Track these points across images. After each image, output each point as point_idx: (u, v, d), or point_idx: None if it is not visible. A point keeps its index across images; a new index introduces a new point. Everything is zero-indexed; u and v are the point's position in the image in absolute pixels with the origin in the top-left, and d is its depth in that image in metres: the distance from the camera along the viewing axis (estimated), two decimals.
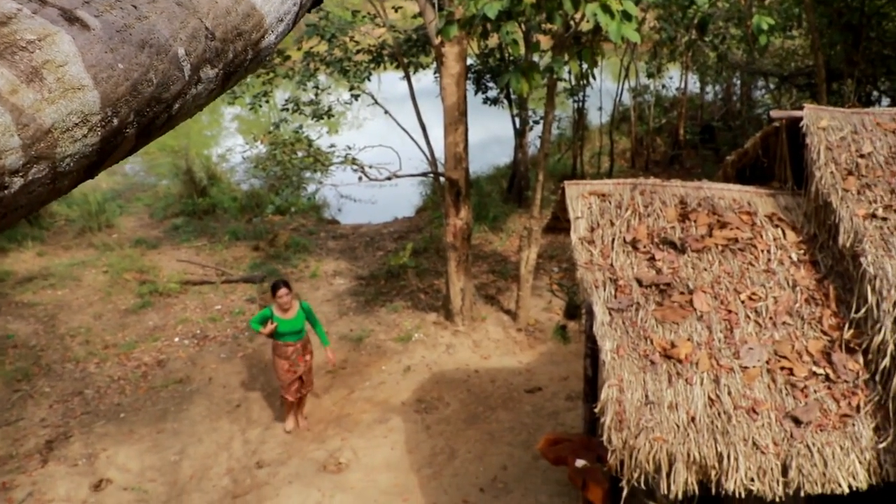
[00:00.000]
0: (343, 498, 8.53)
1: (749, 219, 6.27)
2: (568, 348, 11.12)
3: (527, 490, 8.51)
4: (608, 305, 5.65)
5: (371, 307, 13.04)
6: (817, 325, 5.55)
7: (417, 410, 10.20)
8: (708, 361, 5.30)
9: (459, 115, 11.27)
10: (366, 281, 14.10)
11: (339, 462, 9.16)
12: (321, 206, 18.70)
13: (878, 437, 5.00)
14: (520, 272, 12.05)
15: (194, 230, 16.63)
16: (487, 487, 8.59)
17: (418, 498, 8.50)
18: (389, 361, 11.46)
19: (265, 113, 25.48)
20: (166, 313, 12.99)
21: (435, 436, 9.62)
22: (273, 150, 9.91)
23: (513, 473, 8.81)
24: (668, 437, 4.94)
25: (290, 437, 9.68)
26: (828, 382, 5.23)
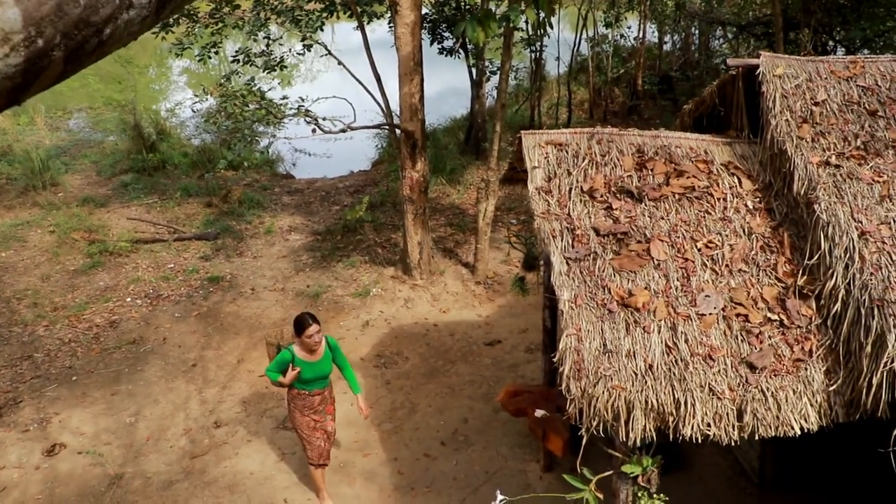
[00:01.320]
0: (303, 455, 8.47)
1: (706, 167, 6.25)
2: (527, 300, 11.13)
3: (487, 442, 8.55)
4: (565, 255, 5.61)
5: (328, 262, 12.91)
6: (772, 272, 5.58)
7: (377, 365, 10.16)
8: (665, 309, 5.30)
9: (414, 65, 11.07)
10: (322, 236, 13.94)
11: None
12: (275, 160, 18.40)
13: (829, 380, 5.07)
14: (478, 225, 11.99)
15: (144, 187, 16.26)
16: (448, 441, 8.61)
17: (379, 453, 8.50)
18: (347, 317, 11.38)
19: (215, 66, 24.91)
20: (117, 273, 12.72)
21: (395, 390, 9.60)
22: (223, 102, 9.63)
23: (473, 426, 8.84)
24: (627, 385, 4.95)
25: (249, 396, 9.59)
26: (782, 328, 5.27)
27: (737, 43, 21.14)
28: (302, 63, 26.39)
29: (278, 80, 14.68)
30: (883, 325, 4.95)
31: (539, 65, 18.32)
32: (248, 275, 12.67)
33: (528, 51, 18.49)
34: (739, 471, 7.93)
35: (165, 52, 17.84)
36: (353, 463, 8.35)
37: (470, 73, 17.10)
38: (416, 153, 11.47)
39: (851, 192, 5.67)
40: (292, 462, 8.37)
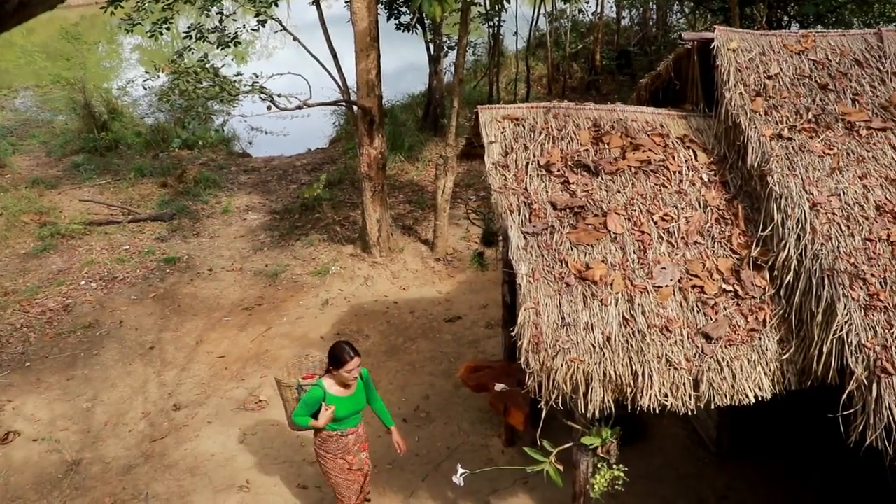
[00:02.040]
0: (264, 435, 8.45)
1: (661, 141, 6.28)
2: (486, 276, 11.16)
3: (449, 418, 8.58)
4: (523, 229, 5.62)
5: (286, 241, 12.80)
6: (727, 243, 5.64)
7: None
8: (622, 282, 5.34)
9: (371, 41, 10.96)
10: (280, 215, 13.81)
11: (260, 400, 9.05)
12: (231, 139, 18.15)
13: (782, 349, 5.16)
14: (437, 201, 11.96)
15: (96, 168, 15.92)
16: (410, 417, 8.62)
17: None
18: (307, 296, 11.31)
19: (167, 42, 24.42)
20: (70, 256, 12.48)
21: None
22: (176, 79, 9.42)
23: (435, 402, 8.86)
24: (585, 358, 4.99)
25: (208, 377, 9.49)
26: (736, 299, 5.35)
27: (694, 18, 21.26)
28: (257, 40, 26.00)
29: (233, 57, 14.42)
30: (833, 295, 5.05)
31: (497, 40, 18.26)
32: (206, 255, 12.52)
33: (485, 26, 18.41)
34: (698, 440, 8.06)
35: (115, 28, 17.40)
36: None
37: (427, 49, 16.98)
38: (373, 130, 11.38)
39: (803, 165, 5.75)
40: (253, 443, 8.32)
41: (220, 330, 10.53)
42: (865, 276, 5.15)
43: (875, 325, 4.94)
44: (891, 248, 5.30)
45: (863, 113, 6.10)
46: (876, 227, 5.40)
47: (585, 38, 21.73)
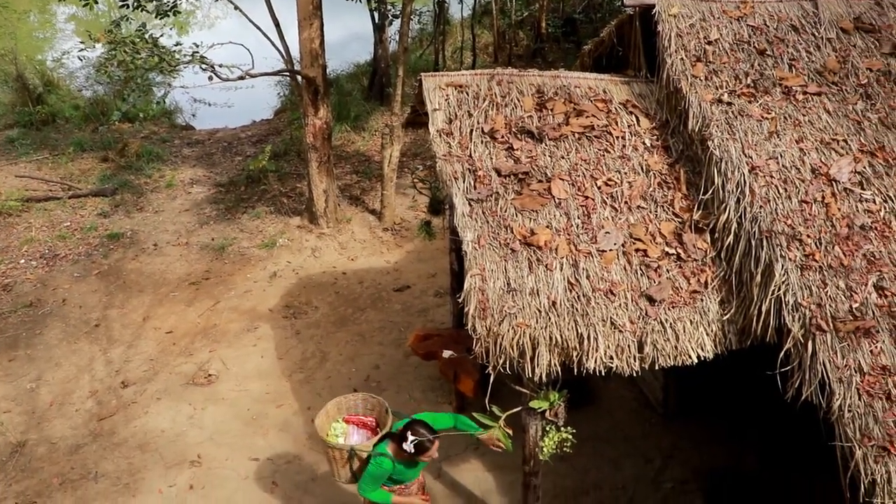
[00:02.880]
0: (215, 410, 8.40)
1: (604, 106, 6.33)
2: (434, 245, 11.17)
3: (400, 387, 8.62)
4: (467, 196, 5.63)
5: (232, 214, 12.64)
6: (669, 207, 5.73)
7: (286, 316, 10.07)
8: (567, 247, 5.40)
9: (314, 9, 10.80)
10: (225, 188, 13.61)
11: (209, 374, 8.98)
12: (173, 111, 17.76)
13: (723, 309, 5.28)
14: (383, 171, 11.92)
15: (33, 143, 15.45)
16: (361, 387, 8.64)
17: (292, 403, 8.48)
18: (254, 269, 11.21)
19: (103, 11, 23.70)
20: (8, 234, 12.14)
21: (305, 340, 9.55)
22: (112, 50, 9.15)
23: (385, 372, 8.89)
24: (531, 322, 5.04)
25: (156, 353, 9.38)
26: (679, 262, 5.45)
27: None
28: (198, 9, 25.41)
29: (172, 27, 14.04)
30: (771, 256, 5.18)
31: (442, 8, 18.11)
32: (150, 230, 12.30)
33: None
34: (644, 402, 8.24)
35: None
36: (265, 414, 8.31)
37: (372, 18, 16.76)
38: (318, 100, 11.25)
39: (742, 129, 5.86)
40: (204, 417, 8.27)
41: (167, 305, 10.39)
42: (802, 237, 5.29)
43: (811, 284, 5.09)
44: (825, 209, 5.45)
45: (799, 78, 6.22)
46: (812, 190, 5.54)
47: (531, 6, 21.63)
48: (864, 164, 5.68)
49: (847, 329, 4.90)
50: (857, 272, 5.17)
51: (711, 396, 7.79)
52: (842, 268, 5.18)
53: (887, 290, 5.07)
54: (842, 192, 5.54)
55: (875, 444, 4.50)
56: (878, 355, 4.81)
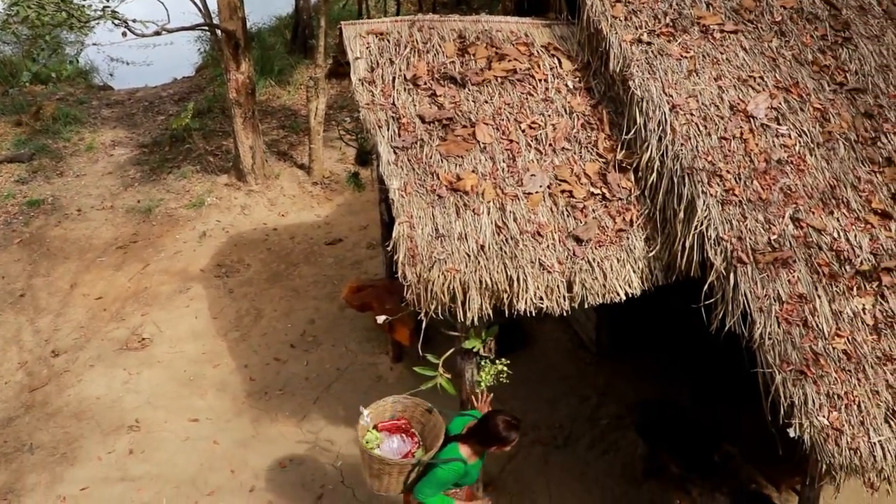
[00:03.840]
0: (151, 373, 8.29)
1: (526, 50, 6.32)
2: (364, 196, 11.12)
3: (336, 340, 8.63)
4: (392, 144, 5.60)
5: (157, 175, 12.33)
6: (593, 148, 5.79)
7: (218, 275, 9.94)
8: (493, 191, 5.43)
9: None
10: (149, 148, 13.25)
11: (143, 338, 8.85)
12: (89, 71, 17.09)
13: (649, 247, 5.40)
14: (310, 125, 11.76)
15: None
16: (297, 342, 8.63)
17: (229, 362, 8.42)
18: (183, 229, 11.00)
19: None
20: None
21: (239, 298, 9.46)
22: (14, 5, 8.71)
23: (321, 326, 8.88)
24: (461, 267, 5.08)
25: (86, 320, 9.18)
26: (604, 201, 5.53)
27: None
28: None
29: None
30: (693, 192, 5.30)
31: None
32: (73, 195, 11.92)
33: None
34: (579, 343, 8.41)
35: None
36: (203, 375, 8.25)
37: None
38: (239, 54, 10.99)
39: (662, 69, 5.93)
40: (140, 382, 8.17)
41: (95, 271, 10.15)
42: (722, 172, 5.42)
43: (731, 218, 5.23)
44: (744, 145, 5.58)
45: (716, 16, 6.30)
46: (730, 126, 5.66)
47: None
48: (779, 100, 5.82)
49: (766, 260, 5.06)
50: (774, 205, 5.33)
51: (643, 333, 7.99)
52: (760, 201, 5.33)
53: (803, 222, 5.25)
54: (759, 128, 5.67)
55: (793, 369, 4.69)
56: (795, 284, 4.99)
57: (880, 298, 4.98)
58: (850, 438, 4.50)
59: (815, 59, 6.06)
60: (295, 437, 7.39)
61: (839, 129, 5.67)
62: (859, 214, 5.31)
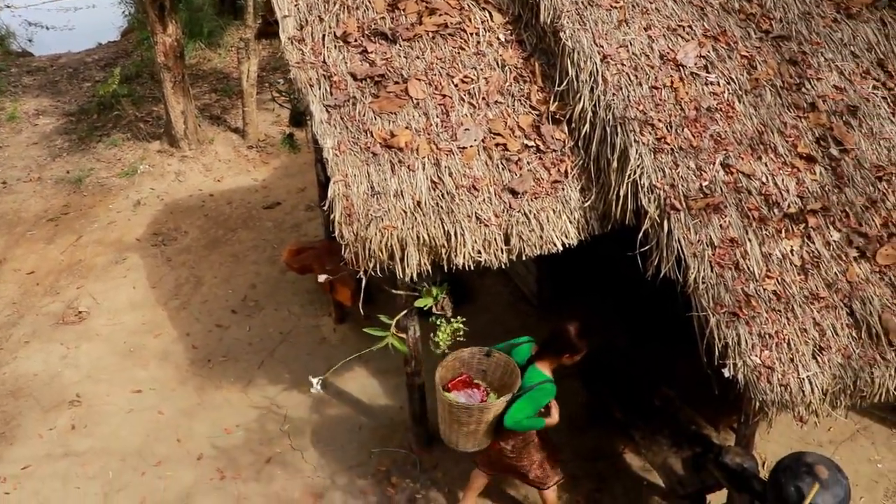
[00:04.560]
0: (90, 347, 8.14)
1: (457, 3, 6.25)
2: (301, 158, 10.99)
3: (278, 304, 8.57)
4: (324, 103, 5.53)
5: (86, 144, 11.99)
6: (526, 100, 5.79)
7: (155, 244, 9.76)
8: (427, 146, 5.41)
9: None
10: (76, 117, 12.85)
11: (79, 311, 8.67)
12: (5, 36, 16.42)
13: (584, 197, 5.45)
14: (242, 87, 11.53)
15: None
16: (239, 308, 8.55)
17: (170, 331, 8.31)
18: (116, 198, 10.75)
19: None
20: None
21: (177, 266, 9.31)
22: None
23: (262, 290, 8.81)
24: (397, 224, 5.07)
25: (18, 296, 8.94)
26: (539, 153, 5.55)
27: None
28: None
29: None
30: (625, 141, 5.36)
31: None
32: None
33: None
34: (520, 296, 8.49)
35: None
36: (144, 345, 8.13)
37: None
38: (165, 16, 10.67)
39: (593, 19, 5.94)
40: (78, 356, 8.02)
41: (26, 245, 9.88)
42: (653, 121, 5.48)
43: (663, 166, 5.31)
44: (674, 94, 5.64)
45: None
46: (661, 76, 5.72)
47: None
48: (708, 48, 5.89)
49: (698, 206, 5.16)
50: (705, 152, 5.42)
51: (583, 284, 8.10)
52: (691, 149, 5.42)
53: (733, 168, 5.35)
54: (689, 77, 5.74)
55: (726, 311, 4.82)
56: (726, 229, 5.10)
57: (807, 240, 5.13)
58: (781, 375, 4.65)
59: (741, 7, 6.13)
60: (241, 403, 7.36)
61: (766, 76, 5.76)
62: (786, 159, 5.43)
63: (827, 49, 5.90)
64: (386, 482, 6.55)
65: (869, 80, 5.79)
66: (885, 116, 5.67)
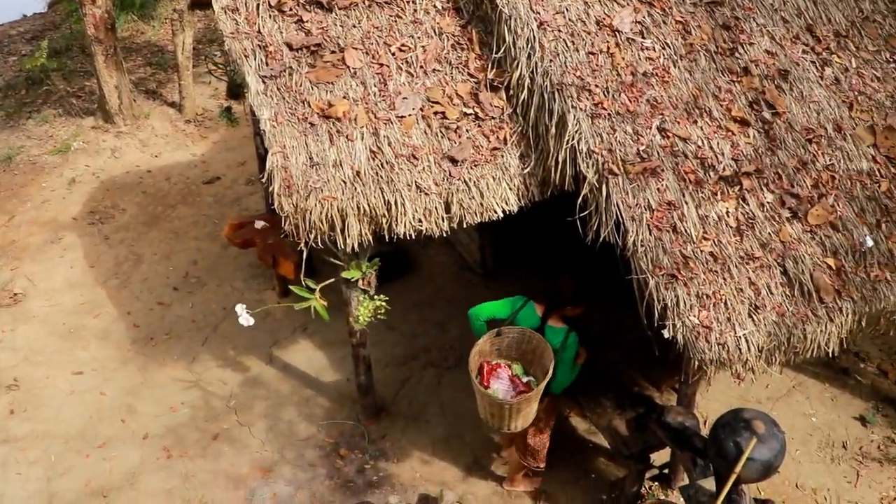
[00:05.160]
0: (27, 329, 7.96)
1: None
2: (240, 132, 10.81)
3: (221, 279, 8.47)
4: (260, 74, 5.43)
5: (15, 121, 11.61)
6: (464, 68, 5.77)
7: (92, 223, 9.54)
8: (366, 116, 5.36)
9: None
10: (2, 92, 12.41)
11: (14, 293, 8.45)
12: None
13: (523, 164, 5.47)
14: (178, 60, 11.26)
15: None
16: (181, 285, 8.43)
17: (110, 310, 8.16)
18: (50, 177, 10.45)
19: None
20: None
21: (116, 245, 9.12)
22: None
23: (204, 266, 8.69)
24: (337, 195, 5.03)
25: None
26: (477, 121, 5.54)
27: None
28: None
29: None
30: (563, 107, 5.37)
31: None
32: None
33: None
34: (464, 265, 8.53)
35: None
36: (83, 326, 7.97)
37: None
38: None
39: None
40: (14, 339, 7.84)
41: None
42: (590, 87, 5.51)
43: (601, 131, 5.35)
44: (611, 59, 5.67)
45: None
46: (597, 41, 5.73)
47: None
48: (643, 13, 5.91)
49: (636, 170, 5.22)
50: (641, 117, 5.47)
51: (525, 251, 8.17)
52: (628, 113, 5.46)
53: (669, 132, 5.42)
54: (625, 42, 5.77)
55: (665, 273, 4.90)
56: (664, 192, 5.18)
57: (741, 202, 5.23)
58: (719, 334, 4.77)
59: None
60: (185, 381, 7.29)
61: (700, 41, 5.83)
62: (721, 123, 5.52)
63: (759, 14, 5.98)
64: (335, 454, 6.57)
65: (798, 44, 5.90)
66: (814, 80, 5.79)
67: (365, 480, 6.35)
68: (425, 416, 6.87)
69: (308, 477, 6.38)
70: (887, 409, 6.91)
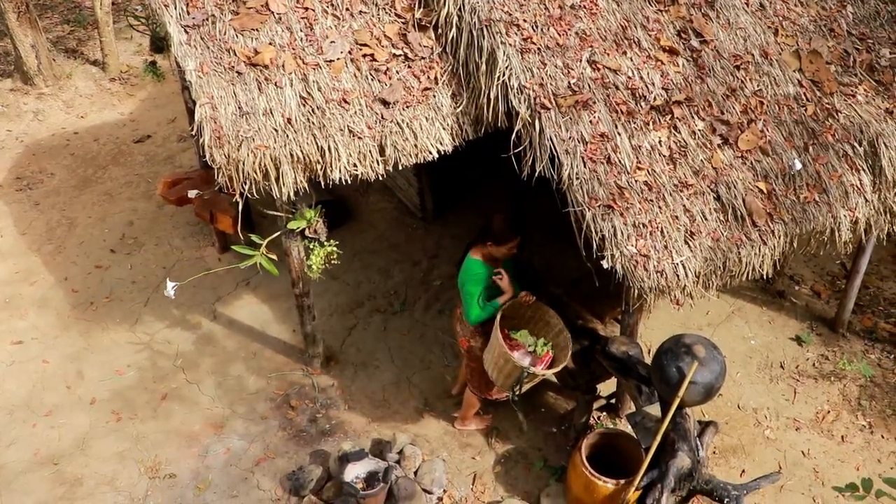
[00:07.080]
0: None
1: None
2: (169, 88, 10.54)
3: (159, 239, 8.32)
4: (182, 23, 5.27)
5: None
6: (391, 9, 5.67)
7: (19, 189, 9.24)
8: (294, 62, 5.26)
9: None
10: None
11: None
12: None
13: (456, 103, 5.44)
14: (97, 16, 10.85)
15: None
16: (118, 247, 8.26)
17: (46, 277, 7.97)
18: None
19: None
20: None
21: (47, 210, 8.87)
22: None
23: (140, 226, 8.52)
24: (269, 143, 4.95)
25: None
26: (407, 62, 5.48)
27: None
28: None
29: None
30: (492, 44, 5.34)
31: None
32: None
33: None
34: (404, 210, 8.52)
35: None
36: (19, 295, 7.77)
37: None
38: None
39: None
40: None
41: None
42: (519, 22, 5.48)
43: (531, 66, 5.34)
44: None
45: None
46: None
47: None
48: None
49: (568, 104, 5.24)
50: (571, 50, 5.48)
51: (464, 192, 8.18)
52: (558, 47, 5.46)
53: (599, 64, 5.44)
54: None
55: (601, 204, 4.96)
56: (596, 124, 5.21)
57: (673, 130, 5.31)
58: (657, 262, 4.86)
59: None
60: (130, 343, 7.19)
61: None
62: (650, 53, 5.56)
63: None
64: (286, 405, 6.58)
65: None
66: (740, 7, 5.86)
67: (317, 429, 6.39)
68: (374, 362, 6.91)
69: (260, 429, 6.39)
70: (821, 328, 7.17)
